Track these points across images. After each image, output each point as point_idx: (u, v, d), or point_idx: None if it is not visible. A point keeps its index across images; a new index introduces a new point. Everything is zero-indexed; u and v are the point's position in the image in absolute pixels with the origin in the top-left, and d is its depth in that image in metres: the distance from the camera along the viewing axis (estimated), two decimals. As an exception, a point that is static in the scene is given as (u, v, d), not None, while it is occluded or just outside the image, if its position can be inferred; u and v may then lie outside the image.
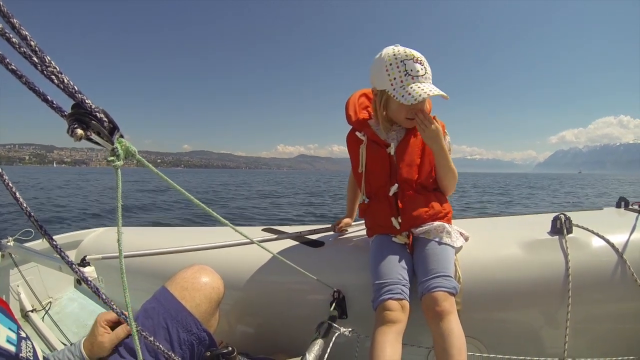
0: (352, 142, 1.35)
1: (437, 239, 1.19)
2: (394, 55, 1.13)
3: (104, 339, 0.90)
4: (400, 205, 1.24)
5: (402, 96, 1.12)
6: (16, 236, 1.79)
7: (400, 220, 1.23)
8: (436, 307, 1.02)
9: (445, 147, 1.21)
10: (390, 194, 1.24)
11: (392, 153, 1.25)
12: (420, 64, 1.13)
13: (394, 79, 1.13)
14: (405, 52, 1.13)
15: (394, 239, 1.24)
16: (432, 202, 1.25)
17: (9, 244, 1.73)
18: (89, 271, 1.15)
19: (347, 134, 1.38)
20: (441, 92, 1.11)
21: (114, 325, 0.95)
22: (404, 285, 1.10)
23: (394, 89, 1.14)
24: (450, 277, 1.09)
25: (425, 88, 1.11)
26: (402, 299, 1.07)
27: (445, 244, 1.19)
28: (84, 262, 1.17)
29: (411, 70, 1.12)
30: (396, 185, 1.24)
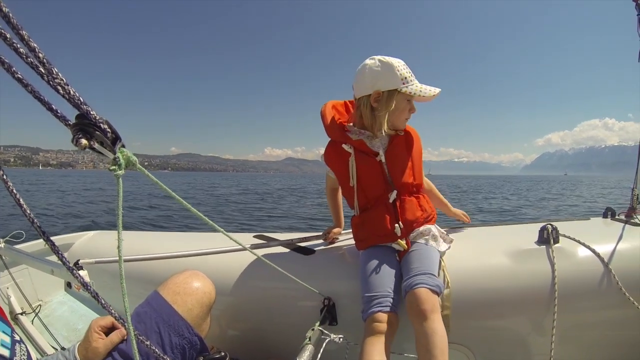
0: (336, 156, 1.32)
1: (423, 242, 1.23)
2: (395, 59, 1.20)
3: (98, 345, 0.90)
4: (399, 210, 1.25)
5: (420, 90, 1.20)
6: (7, 238, 1.78)
7: (401, 226, 1.24)
8: (419, 305, 1.02)
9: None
10: (391, 200, 1.25)
11: (383, 160, 1.26)
12: (408, 69, 1.22)
13: (405, 78, 1.19)
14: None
15: (393, 245, 1.25)
16: (424, 205, 1.30)
17: (0, 245, 1.71)
18: (83, 275, 1.15)
19: (325, 148, 1.36)
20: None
21: (107, 331, 0.95)
22: (392, 298, 1.11)
23: (410, 86, 1.20)
24: (434, 275, 1.10)
25: (427, 86, 1.21)
26: (390, 312, 1.09)
27: (430, 246, 1.22)
28: (77, 266, 1.17)
29: (411, 72, 1.21)
30: (395, 191, 1.25)
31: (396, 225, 1.23)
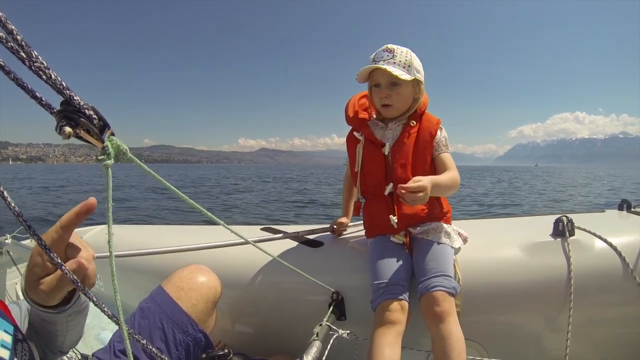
0: (351, 142, 1.37)
1: (435, 239, 1.19)
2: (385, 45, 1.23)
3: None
4: (395, 204, 1.23)
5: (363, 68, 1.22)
6: (14, 233, 1.78)
7: (396, 219, 1.20)
8: (435, 308, 1.01)
9: (441, 183, 1.15)
10: (386, 193, 1.24)
11: (387, 153, 1.26)
12: (388, 52, 1.20)
13: (371, 58, 1.23)
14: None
15: (392, 238, 1.24)
16: (429, 202, 1.23)
17: (6, 241, 1.72)
18: None
19: (347, 134, 1.40)
20: (380, 66, 1.16)
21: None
22: (402, 286, 1.09)
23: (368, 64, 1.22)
24: (450, 277, 1.08)
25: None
26: (401, 300, 1.07)
27: (444, 244, 1.18)
28: None
29: (376, 56, 1.21)
30: (391, 184, 1.24)
31: (390, 217, 1.17)
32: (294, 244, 1.49)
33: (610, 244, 1.21)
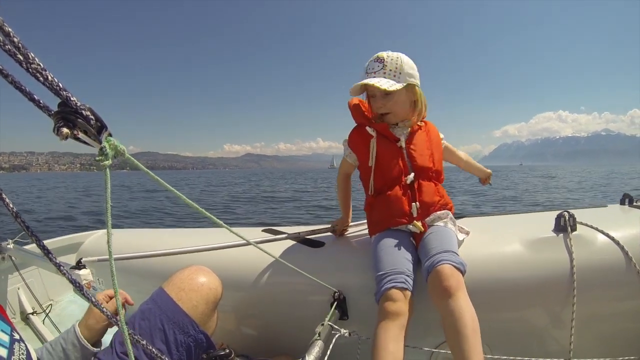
0: (359, 137, 1.37)
1: (442, 224, 1.24)
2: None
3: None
4: (417, 192, 1.26)
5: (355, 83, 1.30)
6: (16, 238, 1.78)
7: (418, 206, 1.24)
8: (443, 282, 0.98)
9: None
10: (408, 181, 1.27)
11: (403, 146, 1.30)
12: (379, 62, 1.27)
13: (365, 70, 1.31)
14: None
15: (409, 226, 1.24)
16: (442, 192, 1.32)
17: (9, 246, 1.72)
18: (85, 274, 1.14)
19: (349, 134, 1.41)
20: (369, 82, 1.22)
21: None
22: (407, 275, 1.08)
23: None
24: (457, 253, 1.08)
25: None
26: (405, 289, 1.04)
27: (449, 229, 1.22)
28: (79, 265, 1.16)
29: (370, 65, 1.28)
30: (412, 174, 1.27)
31: (413, 204, 1.24)
32: (295, 244, 1.49)
33: (612, 238, 1.20)
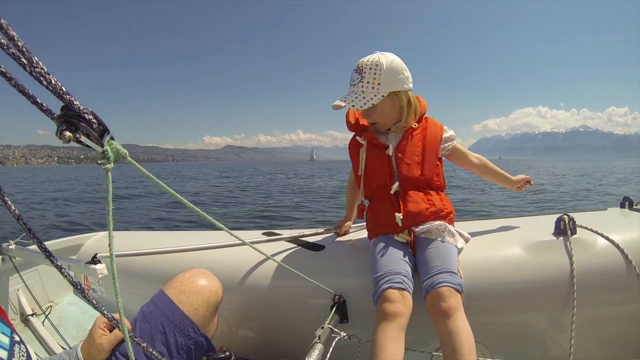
0: (353, 147, 1.40)
1: (439, 239, 1.19)
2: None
3: (102, 341, 0.88)
4: (401, 202, 1.24)
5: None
6: (18, 239, 1.78)
7: (401, 217, 1.22)
8: (442, 304, 0.99)
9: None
10: (392, 192, 1.26)
11: (391, 154, 1.28)
12: (358, 73, 1.23)
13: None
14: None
15: (395, 237, 1.23)
16: (434, 200, 1.26)
17: (10, 247, 1.72)
18: (100, 268, 1.13)
19: (349, 141, 1.43)
20: (340, 104, 1.22)
21: (112, 329, 0.94)
22: (405, 276, 1.08)
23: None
24: (455, 274, 1.07)
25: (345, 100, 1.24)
26: (403, 289, 1.05)
27: (448, 243, 1.18)
28: (94, 260, 1.16)
29: (351, 80, 1.26)
30: (397, 183, 1.25)
31: (396, 214, 1.22)
32: (295, 247, 1.49)
33: (612, 242, 1.20)
